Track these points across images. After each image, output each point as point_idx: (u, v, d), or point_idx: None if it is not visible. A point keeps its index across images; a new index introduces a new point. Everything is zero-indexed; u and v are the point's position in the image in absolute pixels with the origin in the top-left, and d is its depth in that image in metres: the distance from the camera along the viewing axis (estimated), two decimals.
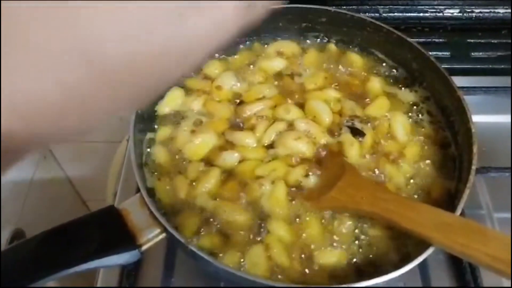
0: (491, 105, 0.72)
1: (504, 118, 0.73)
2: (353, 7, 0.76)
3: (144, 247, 0.46)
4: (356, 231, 0.51)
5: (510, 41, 0.78)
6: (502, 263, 0.40)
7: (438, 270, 0.57)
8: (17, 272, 0.42)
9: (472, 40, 0.78)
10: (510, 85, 0.72)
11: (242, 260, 0.49)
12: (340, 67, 0.65)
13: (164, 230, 0.46)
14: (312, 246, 0.50)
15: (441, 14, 0.77)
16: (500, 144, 0.69)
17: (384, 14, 0.77)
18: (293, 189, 0.53)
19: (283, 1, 0.29)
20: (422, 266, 0.57)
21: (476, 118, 0.54)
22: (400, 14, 0.77)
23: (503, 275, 0.41)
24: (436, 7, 0.77)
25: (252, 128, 0.58)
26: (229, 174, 0.54)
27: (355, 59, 0.66)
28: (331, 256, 0.50)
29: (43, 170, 0.98)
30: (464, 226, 0.44)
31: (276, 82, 0.63)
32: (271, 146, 0.56)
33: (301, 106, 0.60)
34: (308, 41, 0.68)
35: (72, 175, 1.08)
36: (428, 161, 0.57)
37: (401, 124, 0.59)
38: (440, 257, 0.58)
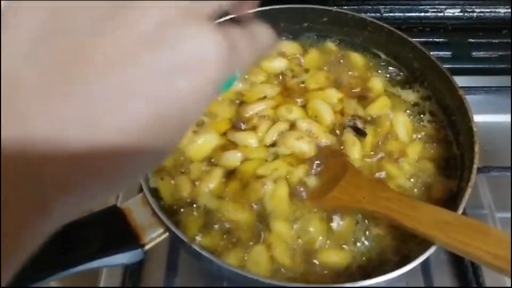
0: (493, 105, 0.73)
1: (505, 118, 0.73)
2: (354, 7, 0.76)
3: (147, 247, 0.46)
4: (359, 230, 0.51)
5: (511, 40, 0.79)
6: (504, 261, 0.40)
7: (440, 270, 0.57)
8: (19, 272, 0.42)
9: (473, 40, 0.78)
10: (511, 85, 0.73)
11: (244, 259, 0.49)
12: (342, 66, 0.65)
13: (167, 229, 0.46)
14: (314, 246, 0.50)
15: (442, 14, 0.77)
16: (501, 144, 0.69)
17: (385, 14, 0.77)
18: (295, 188, 0.53)
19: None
20: (424, 265, 0.57)
21: (477, 118, 0.55)
22: (401, 14, 0.77)
23: (505, 273, 0.41)
24: (437, 7, 0.77)
25: (254, 128, 0.58)
26: (231, 174, 0.54)
27: (357, 58, 0.66)
28: (333, 256, 0.50)
29: None
30: (466, 225, 0.44)
31: (277, 82, 0.63)
32: (273, 145, 0.57)
33: (303, 106, 0.60)
34: (309, 41, 0.68)
35: None
36: (429, 160, 0.57)
37: (402, 124, 0.59)
38: (442, 256, 0.58)
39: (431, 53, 0.61)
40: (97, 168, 0.21)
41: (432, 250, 0.45)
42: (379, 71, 0.65)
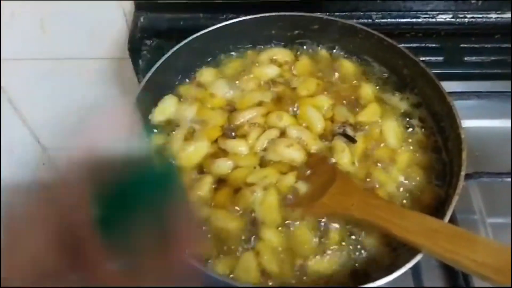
0: (485, 110, 0.73)
1: (497, 123, 0.73)
2: (346, 13, 0.76)
3: None
4: (348, 237, 0.52)
5: (504, 46, 0.78)
6: (490, 269, 0.41)
7: (431, 275, 0.58)
8: None
9: (465, 45, 0.78)
10: (504, 90, 0.73)
11: (234, 266, 0.49)
12: (333, 73, 0.65)
13: None
14: (304, 253, 0.50)
15: (434, 19, 0.77)
16: (493, 149, 0.69)
17: (377, 20, 0.77)
18: (285, 195, 0.53)
19: None
20: (415, 270, 0.57)
21: (469, 123, 0.55)
22: (393, 20, 0.77)
23: (491, 282, 0.41)
24: (428, 12, 0.77)
25: (244, 136, 0.58)
26: (221, 181, 0.55)
27: (347, 65, 0.66)
28: (322, 263, 0.50)
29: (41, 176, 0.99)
30: (453, 233, 0.45)
31: (269, 89, 0.63)
32: (263, 153, 0.57)
33: (294, 113, 0.61)
34: (300, 48, 0.68)
35: None
36: (419, 167, 0.57)
37: (392, 130, 0.59)
38: (433, 262, 0.58)
39: (424, 58, 0.61)
40: None
41: (419, 257, 0.45)
42: (370, 78, 0.65)
